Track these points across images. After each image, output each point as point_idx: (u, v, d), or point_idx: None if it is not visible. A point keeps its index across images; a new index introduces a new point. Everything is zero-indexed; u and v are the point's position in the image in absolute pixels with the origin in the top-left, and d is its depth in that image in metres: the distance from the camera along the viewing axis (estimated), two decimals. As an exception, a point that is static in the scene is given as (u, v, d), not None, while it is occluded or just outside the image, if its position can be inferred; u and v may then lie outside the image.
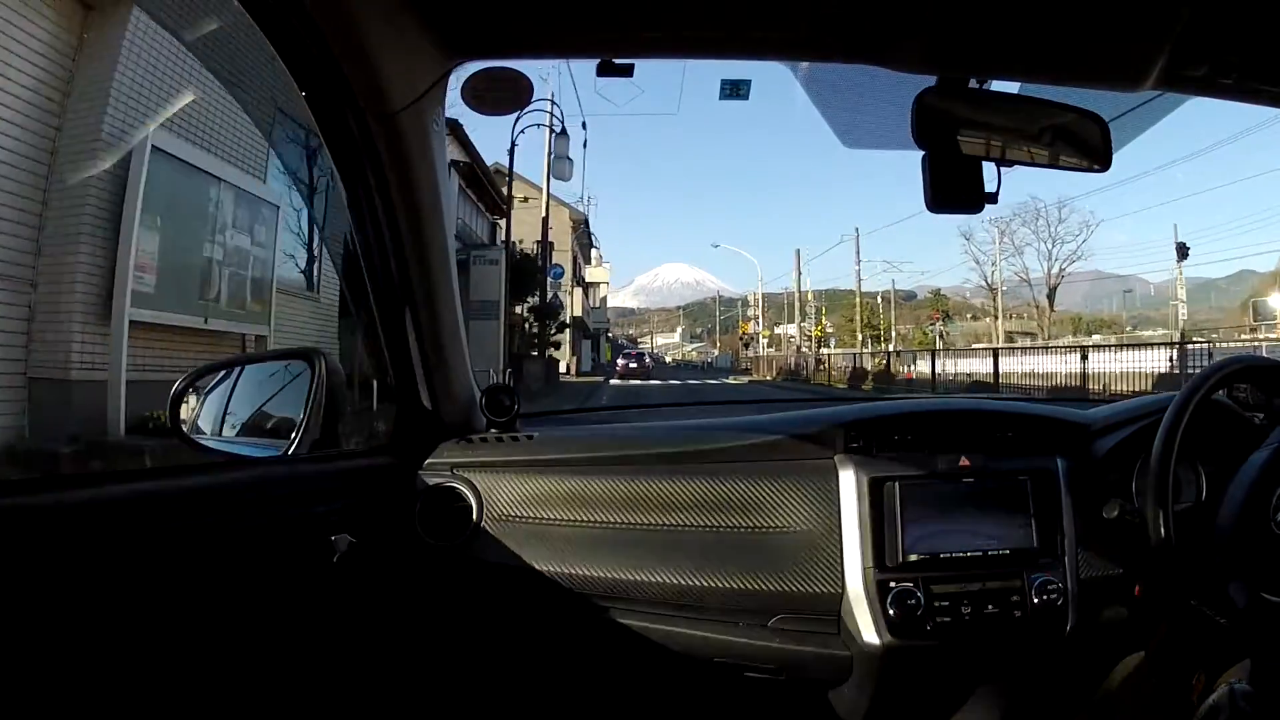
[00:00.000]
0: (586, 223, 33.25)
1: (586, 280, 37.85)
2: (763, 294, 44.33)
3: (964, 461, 1.13)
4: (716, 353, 60.35)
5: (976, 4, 0.74)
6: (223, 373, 1.26)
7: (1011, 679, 1.15)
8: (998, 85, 0.87)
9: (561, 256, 27.93)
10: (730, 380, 27.70)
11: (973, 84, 0.85)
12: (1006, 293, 34.17)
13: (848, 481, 1.11)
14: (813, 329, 34.51)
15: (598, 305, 40.55)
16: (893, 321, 39.25)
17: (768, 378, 29.91)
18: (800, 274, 35.67)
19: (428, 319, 1.05)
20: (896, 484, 1.11)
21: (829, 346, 34.28)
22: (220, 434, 1.20)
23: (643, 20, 0.81)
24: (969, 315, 43.21)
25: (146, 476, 0.96)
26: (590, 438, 1.30)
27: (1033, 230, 35.78)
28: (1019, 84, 0.88)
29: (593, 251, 37.42)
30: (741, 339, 45.97)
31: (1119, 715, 1.17)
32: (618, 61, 0.94)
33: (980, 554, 1.10)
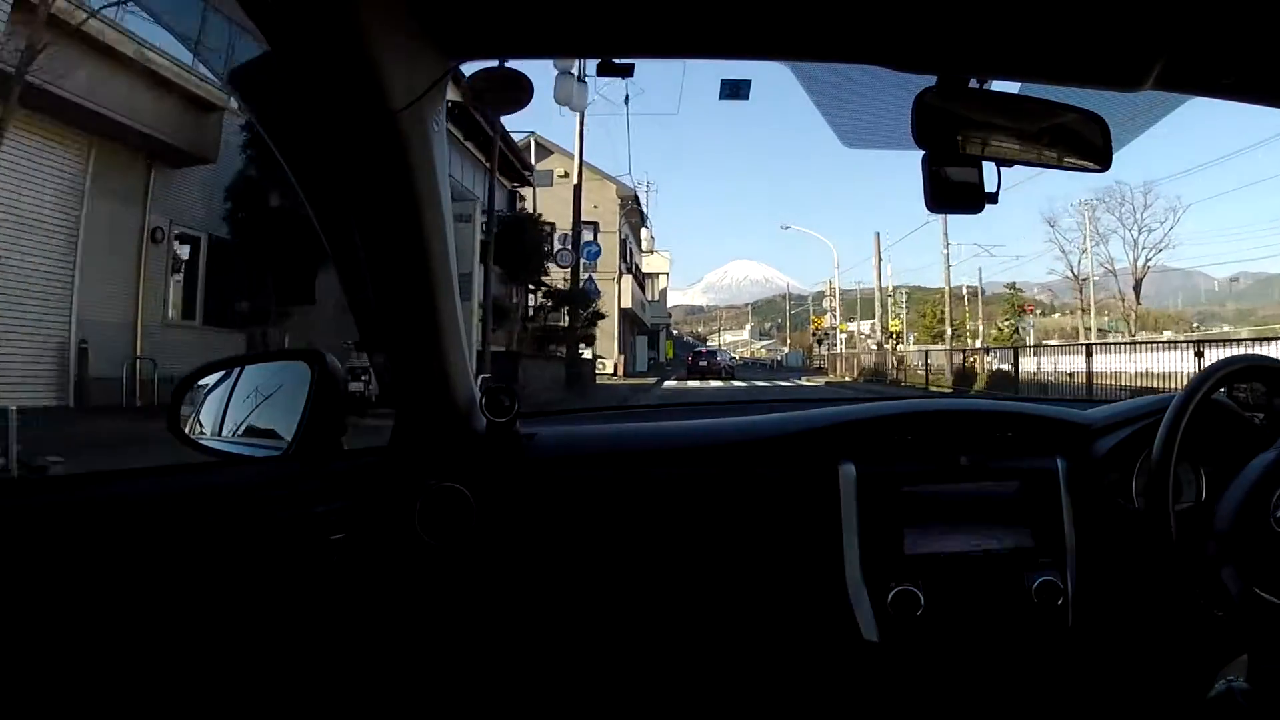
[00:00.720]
0: (636, 199, 28.11)
1: (642, 270, 33.06)
2: (838, 284, 38.24)
3: (964, 461, 1.13)
4: (786, 350, 55.08)
5: (976, 4, 0.74)
6: (223, 373, 1.27)
7: (1012, 679, 1.15)
8: (998, 85, 0.87)
9: (608, 241, 24.53)
10: (804, 381, 24.42)
11: (973, 84, 0.85)
12: (1086, 285, 30.92)
13: (848, 481, 1.11)
14: (890, 323, 29.32)
15: (656, 298, 35.34)
16: (979, 315, 34.20)
17: (846, 378, 26.12)
18: (880, 260, 30.05)
19: (428, 318, 1.05)
20: (897, 484, 1.11)
21: (907, 344, 29.47)
22: (220, 434, 1.20)
23: (643, 20, 0.81)
24: (1038, 311, 38.77)
25: (147, 476, 0.96)
26: (590, 437, 1.30)
27: (1117, 217, 31.53)
28: (1019, 84, 0.88)
29: (643, 231, 31.67)
30: (814, 335, 41.12)
31: (1119, 714, 1.17)
32: (618, 61, 0.94)
33: (980, 554, 1.10)
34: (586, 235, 21.17)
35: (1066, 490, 1.13)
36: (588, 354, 19.84)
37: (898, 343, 27.72)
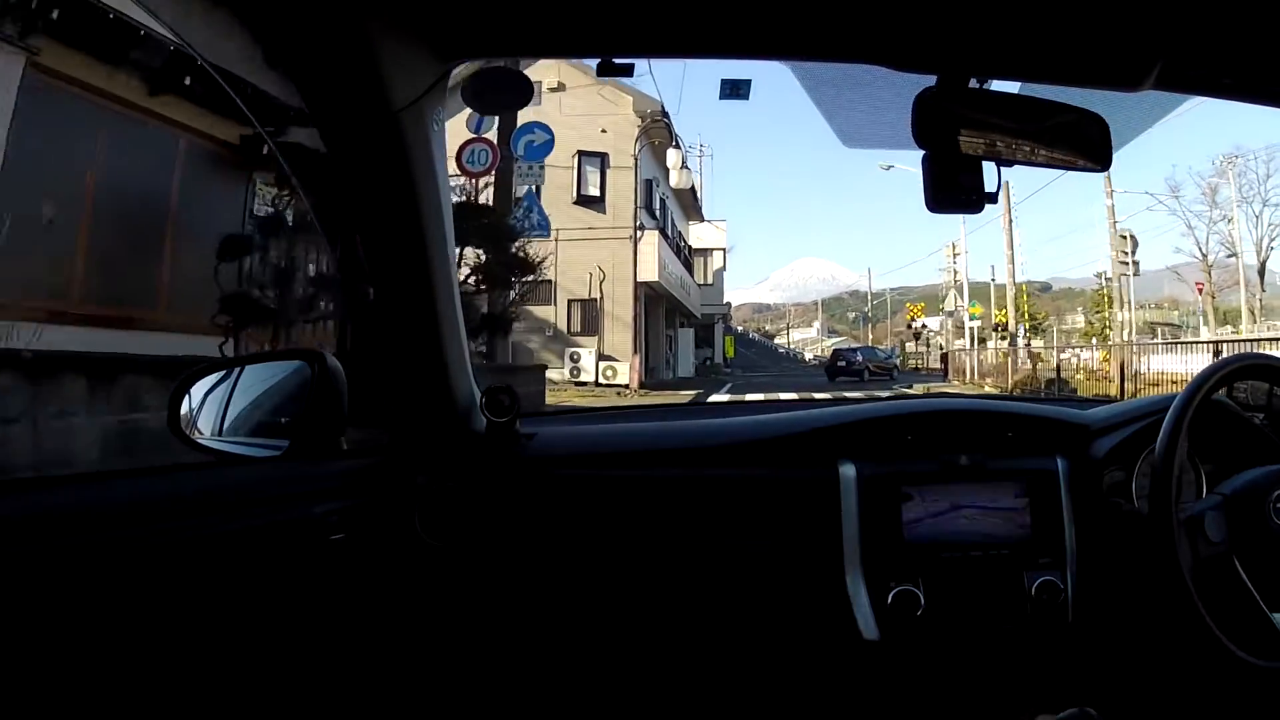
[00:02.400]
0: (664, 113, 17.31)
1: (690, 243, 23.54)
2: (961, 259, 24.84)
3: (964, 461, 1.13)
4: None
5: (976, 4, 0.74)
6: (223, 373, 1.26)
7: (1011, 679, 1.15)
8: (998, 85, 0.87)
9: (620, 179, 16.12)
10: (931, 392, 11.57)
11: (973, 84, 0.85)
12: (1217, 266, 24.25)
13: (848, 481, 1.11)
14: (1001, 315, 20.95)
15: (710, 281, 25.31)
16: (1129, 300, 21.34)
17: (987, 386, 16.17)
18: (1011, 220, 20.14)
19: (428, 318, 1.05)
20: (897, 484, 1.11)
21: (1016, 339, 20.52)
22: (220, 434, 1.20)
23: (643, 20, 0.81)
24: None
25: (146, 476, 0.96)
26: (590, 437, 1.30)
27: (1238, 189, 24.47)
28: (1019, 84, 0.88)
29: (672, 154, 19.46)
30: (911, 327, 31.20)
31: (1118, 714, 1.17)
32: (618, 61, 0.94)
33: (980, 554, 1.10)
34: (589, 168, 15.49)
35: (1066, 490, 1.13)
36: (588, 355, 14.45)
37: (1007, 338, 20.39)
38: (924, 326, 29.66)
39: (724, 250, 26.93)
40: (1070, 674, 1.16)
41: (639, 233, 16.64)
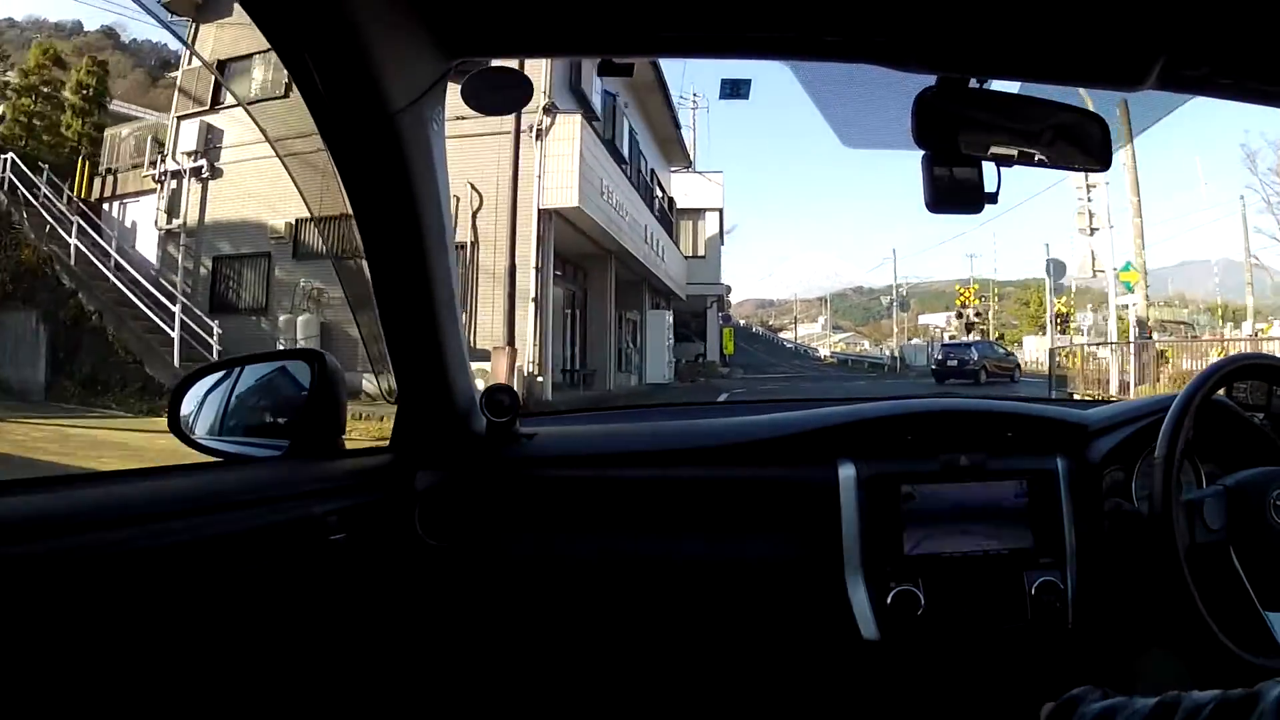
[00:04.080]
0: None
1: (671, 194, 17.71)
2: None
3: (964, 461, 1.13)
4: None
5: (976, 4, 0.74)
6: (223, 373, 1.27)
7: (1011, 679, 1.15)
8: (998, 85, 0.87)
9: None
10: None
11: (973, 84, 0.85)
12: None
13: (848, 481, 1.11)
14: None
15: (700, 252, 19.21)
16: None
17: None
18: (1136, 171, 13.67)
19: (427, 318, 1.05)
20: (896, 484, 1.11)
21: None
22: (220, 434, 1.20)
23: (643, 20, 0.82)
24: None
25: (146, 476, 0.96)
26: (589, 437, 1.30)
27: None
28: (1019, 84, 0.88)
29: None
30: (960, 314, 25.42)
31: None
32: (618, 61, 0.95)
33: (980, 554, 1.10)
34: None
35: (1066, 490, 1.13)
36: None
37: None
38: (978, 315, 23.83)
39: (720, 212, 19.54)
40: (1070, 674, 1.15)
41: (546, 117, 9.08)
